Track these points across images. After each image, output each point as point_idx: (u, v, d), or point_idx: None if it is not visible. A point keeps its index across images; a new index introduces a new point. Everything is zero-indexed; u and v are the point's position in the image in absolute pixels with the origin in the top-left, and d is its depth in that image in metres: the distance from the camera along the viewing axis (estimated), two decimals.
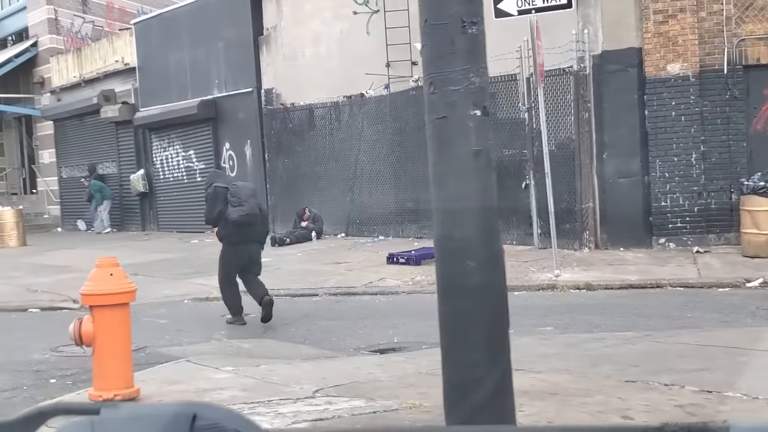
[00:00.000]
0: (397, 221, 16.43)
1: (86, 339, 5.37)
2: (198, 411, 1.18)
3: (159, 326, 9.76)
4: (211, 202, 9.43)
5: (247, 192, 9.53)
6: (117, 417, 1.21)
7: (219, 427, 1.17)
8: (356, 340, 8.53)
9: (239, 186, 9.69)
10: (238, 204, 9.23)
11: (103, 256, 6.13)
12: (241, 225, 9.21)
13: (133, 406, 1.33)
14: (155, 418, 1.19)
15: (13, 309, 11.96)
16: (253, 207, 9.38)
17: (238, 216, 9.16)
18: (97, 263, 5.63)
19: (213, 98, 21.00)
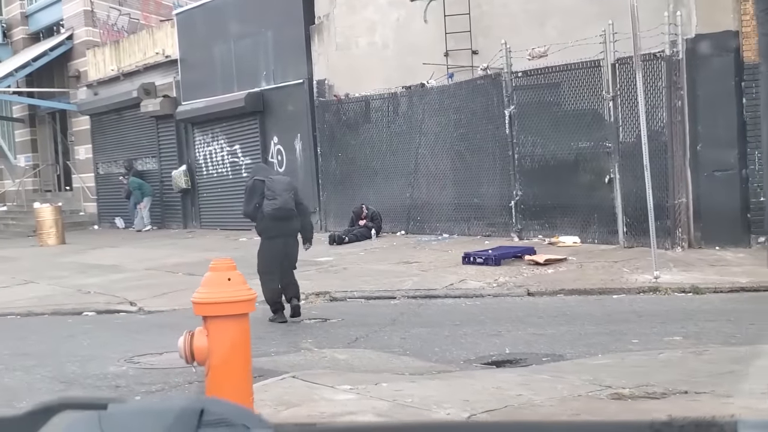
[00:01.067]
0: (462, 218, 15.51)
1: (200, 356, 4.51)
2: (206, 405, 1.17)
3: None
4: (248, 195, 9.38)
5: (281, 185, 9.39)
6: (125, 412, 1.20)
7: (227, 422, 1.15)
8: (462, 350, 7.64)
9: (275, 179, 9.55)
10: (272, 197, 9.13)
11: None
12: (275, 219, 9.12)
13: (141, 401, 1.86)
14: (163, 413, 1.18)
15: (68, 312, 11.18)
16: (287, 201, 9.25)
17: (271, 209, 9.08)
18: (211, 266, 4.76)
19: (260, 90, 20.16)
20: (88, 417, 1.19)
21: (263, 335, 8.66)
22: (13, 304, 11.87)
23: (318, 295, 11.00)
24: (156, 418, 1.19)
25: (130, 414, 1.22)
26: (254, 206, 9.27)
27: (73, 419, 1.20)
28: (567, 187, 13.63)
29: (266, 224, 9.22)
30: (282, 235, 9.22)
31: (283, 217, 9.20)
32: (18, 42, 31.39)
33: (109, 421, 1.19)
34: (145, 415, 1.22)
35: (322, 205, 18.57)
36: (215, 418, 1.17)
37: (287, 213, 9.24)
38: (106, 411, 1.20)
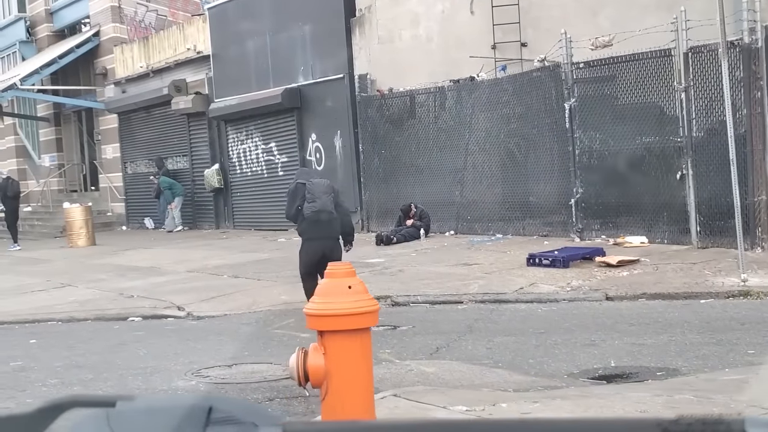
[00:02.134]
0: (515, 217, 14.78)
1: (315, 377, 3.81)
2: (214, 403, 1.17)
3: (298, 341, 8.22)
4: (290, 198, 9.50)
5: (321, 188, 9.43)
6: (133, 409, 1.20)
7: (235, 420, 1.15)
8: (559, 362, 6.93)
9: (314, 182, 9.60)
10: (311, 200, 9.21)
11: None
12: (314, 221, 9.16)
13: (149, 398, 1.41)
14: (171, 411, 1.18)
15: (113, 318, 10.54)
16: (326, 203, 9.28)
17: (310, 212, 9.15)
18: (328, 271, 4.06)
19: (298, 86, 19.49)
20: (97, 414, 1.19)
21: None
22: (53, 309, 11.25)
23: (378, 299, 10.28)
24: (164, 415, 1.18)
25: (138, 412, 1.21)
26: (296, 209, 9.34)
27: (81, 416, 1.19)
28: (632, 184, 12.89)
29: (306, 226, 9.25)
30: (320, 237, 9.19)
31: (322, 219, 9.19)
32: (42, 39, 30.88)
33: (117, 419, 1.18)
34: (153, 412, 1.21)
35: (364, 204, 17.89)
36: (223, 415, 1.16)
37: (326, 215, 9.24)
38: (115, 408, 1.20)
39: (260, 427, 1.16)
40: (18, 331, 9.98)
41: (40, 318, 10.76)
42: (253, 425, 1.15)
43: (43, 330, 9.92)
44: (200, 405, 1.18)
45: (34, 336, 9.44)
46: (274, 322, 9.40)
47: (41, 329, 10.03)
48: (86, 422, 1.19)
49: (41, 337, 9.27)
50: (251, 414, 1.17)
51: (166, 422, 1.16)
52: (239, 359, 7.35)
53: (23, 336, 9.48)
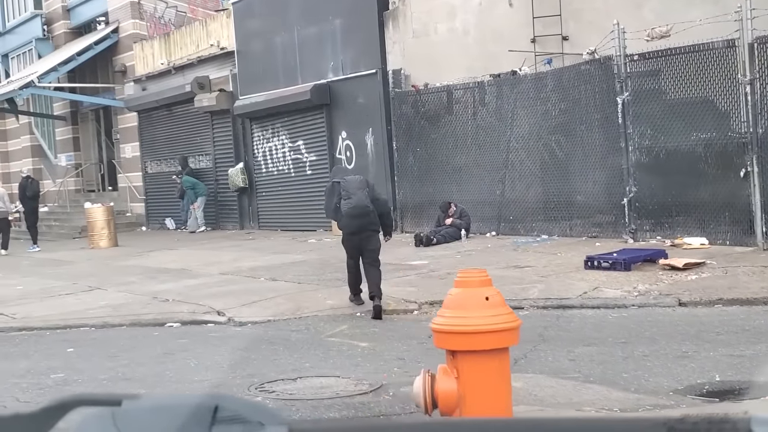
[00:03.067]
0: (561, 217, 14.14)
1: (446, 404, 3.21)
2: (220, 402, 1.17)
3: (359, 351, 7.61)
4: (327, 197, 10.00)
5: (355, 184, 9.84)
6: (139, 408, 1.21)
7: (241, 419, 1.15)
8: (656, 376, 6.30)
9: (348, 179, 10.03)
10: (347, 197, 9.65)
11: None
12: (351, 216, 9.60)
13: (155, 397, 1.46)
14: (177, 410, 1.18)
15: (149, 323, 9.96)
16: (361, 198, 9.68)
17: (347, 208, 9.60)
18: (459, 279, 3.45)
19: (327, 82, 18.88)
20: (103, 413, 1.18)
21: (402, 353, 7.36)
22: (84, 314, 10.66)
23: (432, 305, 9.68)
24: (170, 414, 1.18)
25: (144, 410, 1.21)
26: (334, 206, 9.80)
27: (87, 415, 1.18)
28: (690, 182, 12.23)
29: (345, 222, 9.72)
30: (358, 231, 9.65)
31: (359, 214, 9.61)
32: (59, 37, 30.35)
33: (123, 418, 1.18)
34: (159, 411, 1.21)
35: (397, 204, 17.25)
36: (229, 414, 1.16)
37: (362, 210, 9.66)
38: (121, 407, 1.19)
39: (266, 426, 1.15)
40: (50, 338, 9.39)
41: (72, 323, 10.17)
42: (259, 424, 1.15)
43: (77, 337, 9.33)
44: (206, 404, 1.17)
45: (70, 344, 8.84)
46: (326, 329, 8.80)
47: (75, 336, 9.44)
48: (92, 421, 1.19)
49: (78, 345, 8.67)
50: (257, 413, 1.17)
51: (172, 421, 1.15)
52: (301, 371, 6.74)
53: (57, 344, 8.89)
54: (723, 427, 1.07)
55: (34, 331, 10.05)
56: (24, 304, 11.77)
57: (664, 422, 1.08)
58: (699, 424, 1.07)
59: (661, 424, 1.08)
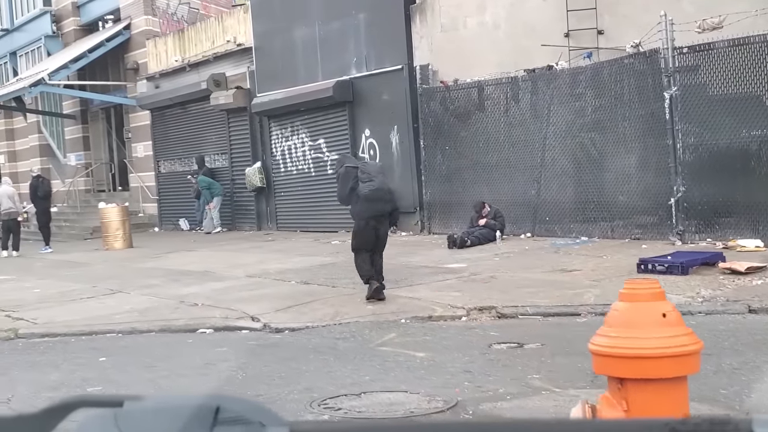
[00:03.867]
0: (602, 218, 13.55)
1: None
2: (221, 403, 1.18)
3: (418, 362, 7.01)
4: (342, 180, 9.74)
5: (375, 169, 9.99)
6: (141, 409, 1.21)
7: (243, 420, 1.16)
8: (758, 392, 5.71)
9: (368, 164, 10.54)
10: (368, 180, 9.52)
11: None
12: (371, 200, 9.49)
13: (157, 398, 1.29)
14: (179, 411, 1.18)
15: (180, 329, 9.37)
16: (383, 182, 9.74)
17: (368, 191, 9.45)
18: (625, 291, 2.84)
19: (350, 79, 18.31)
20: (104, 414, 1.18)
21: (466, 365, 6.76)
22: (110, 319, 10.07)
23: (481, 311, 9.11)
24: (172, 415, 1.17)
25: (146, 411, 1.20)
26: (349, 190, 9.61)
27: (89, 416, 1.18)
28: (742, 181, 11.67)
29: (362, 206, 9.55)
30: (375, 216, 9.57)
31: (380, 198, 9.58)
32: (69, 34, 29.81)
33: (125, 419, 1.17)
34: (160, 412, 1.20)
35: (424, 204, 16.68)
36: (231, 415, 1.16)
37: (384, 194, 9.67)
38: (122, 408, 1.19)
39: (268, 426, 1.15)
40: (77, 346, 8.81)
41: (97, 329, 9.59)
42: (260, 425, 1.15)
43: (106, 344, 8.74)
44: (208, 405, 1.17)
45: (100, 352, 8.27)
46: (373, 337, 8.21)
47: (103, 343, 8.86)
48: (94, 422, 1.18)
49: (109, 353, 8.09)
50: (259, 414, 1.17)
51: (174, 422, 1.15)
52: (363, 385, 6.15)
53: (86, 352, 8.31)
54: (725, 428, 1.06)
55: (58, 337, 9.47)
56: (44, 309, 11.20)
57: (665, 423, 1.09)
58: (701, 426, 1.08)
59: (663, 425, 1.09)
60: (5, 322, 10.33)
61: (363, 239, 9.68)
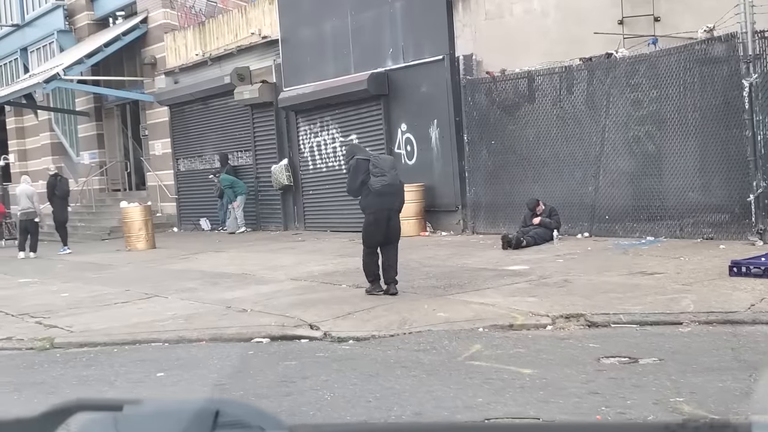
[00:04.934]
0: (669, 216, 12.66)
1: None
2: (221, 407, 1.18)
3: (528, 381, 6.11)
4: (353, 173, 9.63)
5: (388, 163, 9.79)
6: (140, 413, 1.20)
7: (242, 424, 1.16)
8: None
9: (381, 158, 10.06)
10: (380, 174, 9.42)
11: None
12: (383, 194, 9.44)
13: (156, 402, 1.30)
14: (178, 415, 1.18)
15: (233, 338, 8.50)
16: (395, 177, 9.64)
17: (380, 185, 9.40)
18: None
19: (385, 71, 17.42)
20: (104, 418, 1.18)
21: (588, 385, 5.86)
22: (153, 326, 9.20)
23: (568, 319, 8.22)
24: (171, 419, 1.17)
25: (145, 415, 1.20)
26: (360, 183, 9.52)
27: (88, 420, 1.17)
28: None
29: (372, 200, 9.50)
30: (386, 210, 9.52)
31: (391, 192, 9.52)
32: (82, 28, 28.97)
33: (124, 423, 1.17)
34: (160, 416, 1.20)
35: (468, 202, 15.79)
36: (231, 419, 1.15)
37: (396, 189, 9.63)
38: (122, 412, 1.18)
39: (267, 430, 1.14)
40: (123, 357, 7.94)
41: (141, 338, 8.72)
42: (260, 429, 1.14)
43: (156, 355, 7.87)
44: (207, 409, 1.17)
45: (150, 364, 7.39)
46: (457, 349, 7.32)
47: (151, 354, 7.99)
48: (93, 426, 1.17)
49: (163, 366, 7.21)
50: (258, 418, 1.17)
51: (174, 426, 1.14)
52: (480, 410, 5.26)
53: (137, 365, 7.43)
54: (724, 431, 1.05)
55: (98, 347, 8.61)
56: (76, 315, 10.33)
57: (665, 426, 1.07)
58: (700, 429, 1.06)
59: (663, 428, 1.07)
60: (37, 329, 9.47)
61: (373, 233, 9.61)
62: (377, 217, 9.55)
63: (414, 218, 16.50)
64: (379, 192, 9.43)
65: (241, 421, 1.16)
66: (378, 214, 9.54)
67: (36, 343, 8.81)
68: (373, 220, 9.61)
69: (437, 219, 16.61)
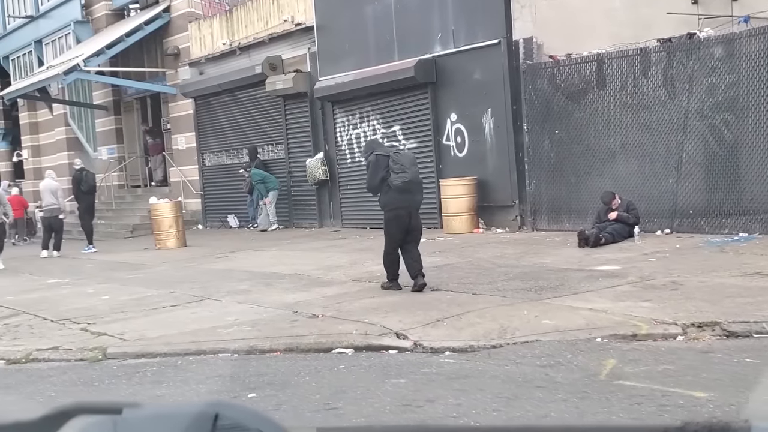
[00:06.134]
0: (765, 210, 11.55)
1: None
2: (220, 411, 1.17)
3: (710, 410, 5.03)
4: (373, 169, 9.44)
5: (409, 160, 9.59)
6: (140, 416, 1.20)
7: (241, 427, 1.15)
8: None
9: (402, 154, 9.91)
10: (401, 171, 9.26)
11: None
12: (403, 191, 9.25)
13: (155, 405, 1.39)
14: (178, 418, 1.17)
15: (312, 349, 7.50)
16: (416, 174, 9.48)
17: (401, 182, 9.23)
18: None
19: (433, 57, 16.34)
20: (103, 421, 1.17)
21: None
22: (215, 334, 8.14)
23: (700, 328, 7.13)
24: (171, 422, 1.16)
25: (145, 419, 1.20)
26: (380, 180, 9.32)
27: (87, 423, 1.16)
28: None
29: (392, 197, 9.31)
30: (406, 207, 9.35)
31: (411, 189, 9.35)
32: (99, 19, 27.93)
33: (124, 426, 1.16)
34: (160, 419, 1.20)
35: (527, 197, 14.70)
36: (230, 422, 1.15)
37: (417, 186, 9.46)
38: (121, 416, 1.17)
39: None
40: (191, 371, 6.88)
41: (206, 348, 7.68)
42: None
43: (231, 370, 6.81)
44: (207, 412, 1.17)
45: (233, 382, 6.34)
46: (589, 365, 6.24)
47: (224, 368, 6.94)
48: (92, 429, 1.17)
49: (251, 385, 6.13)
50: (257, 421, 1.16)
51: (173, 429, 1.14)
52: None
53: (217, 382, 6.37)
54: None
55: (157, 358, 7.57)
56: (124, 320, 9.28)
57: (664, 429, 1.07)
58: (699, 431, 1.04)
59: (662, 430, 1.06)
60: (85, 337, 8.42)
61: (394, 231, 9.41)
62: (398, 214, 9.36)
63: (466, 214, 15.46)
64: (400, 189, 9.23)
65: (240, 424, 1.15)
66: (399, 212, 9.34)
67: (86, 353, 7.77)
68: (393, 217, 9.41)
69: (490, 215, 15.54)
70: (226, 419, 1.16)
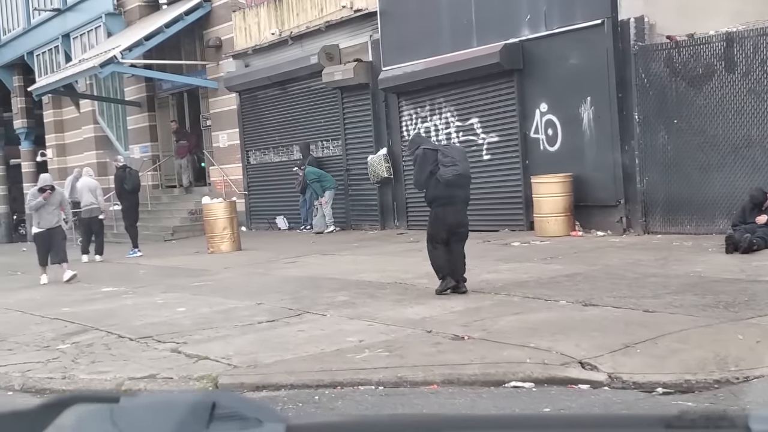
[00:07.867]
0: None
1: None
2: (218, 399, 1.16)
3: None
4: (420, 164, 9.08)
5: (459, 153, 9.38)
6: (137, 405, 1.19)
7: (239, 416, 1.14)
8: None
9: (451, 147, 10.39)
10: (451, 164, 8.89)
11: None
12: (453, 185, 8.90)
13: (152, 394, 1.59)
14: (175, 407, 1.17)
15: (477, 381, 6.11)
16: (466, 168, 9.20)
17: (451, 175, 8.86)
18: None
19: (519, 42, 14.73)
20: (101, 410, 1.17)
21: None
22: (345, 360, 6.57)
23: None
24: (168, 411, 1.16)
25: (142, 408, 1.19)
26: (428, 174, 8.97)
27: (85, 412, 1.16)
28: None
29: (440, 191, 8.96)
30: (454, 202, 9.01)
31: (464, 184, 9.09)
32: (132, 11, 26.41)
33: (121, 415, 1.16)
34: (157, 408, 1.19)
35: (638, 195, 13.07)
36: (227, 411, 1.14)
37: (467, 180, 9.18)
38: (119, 404, 1.18)
39: (264, 423, 1.13)
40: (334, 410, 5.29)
41: (342, 379, 6.15)
42: (257, 421, 1.13)
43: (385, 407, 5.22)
44: (204, 401, 1.16)
45: None
46: None
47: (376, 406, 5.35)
48: (90, 418, 1.16)
49: None
50: (255, 410, 1.15)
51: (170, 418, 1.13)
52: None
53: None
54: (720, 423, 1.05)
55: (282, 390, 6.08)
56: (219, 339, 7.71)
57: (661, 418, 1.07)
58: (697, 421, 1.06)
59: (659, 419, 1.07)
60: (182, 362, 6.85)
61: (440, 229, 9.04)
62: (446, 210, 8.97)
63: (562, 215, 13.85)
64: (449, 182, 8.83)
65: (238, 413, 1.13)
66: (447, 207, 8.96)
67: (192, 383, 6.20)
68: (441, 213, 9.02)
69: (588, 216, 13.91)
70: (223, 408, 1.13)
